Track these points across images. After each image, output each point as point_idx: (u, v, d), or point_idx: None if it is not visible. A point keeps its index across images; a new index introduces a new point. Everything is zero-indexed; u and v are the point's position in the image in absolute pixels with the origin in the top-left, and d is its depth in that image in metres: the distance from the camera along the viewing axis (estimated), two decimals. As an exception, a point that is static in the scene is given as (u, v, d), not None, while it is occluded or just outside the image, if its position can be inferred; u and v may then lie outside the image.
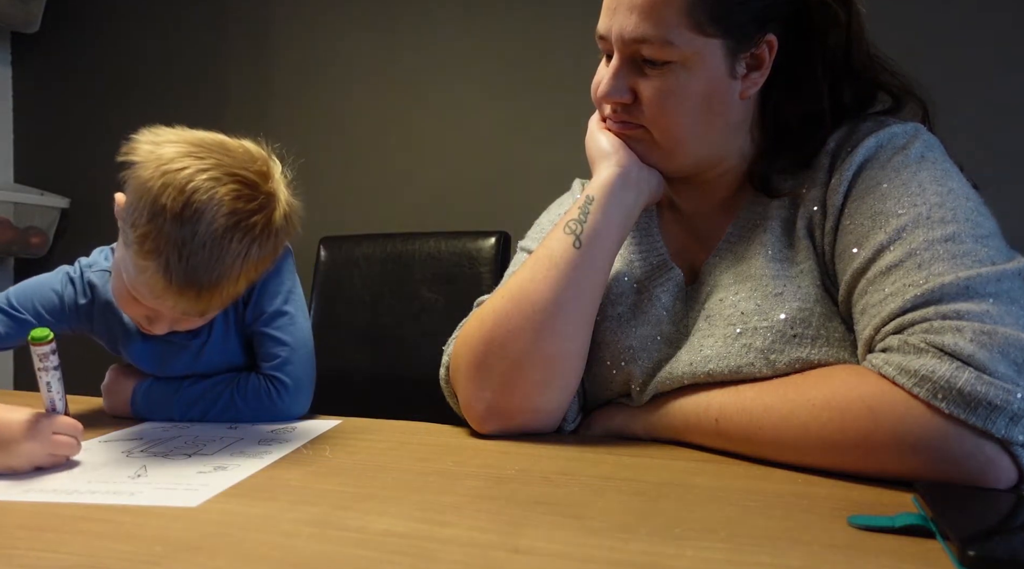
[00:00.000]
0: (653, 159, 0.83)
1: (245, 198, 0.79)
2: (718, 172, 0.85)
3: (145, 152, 0.78)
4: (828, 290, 0.74)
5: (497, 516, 0.55)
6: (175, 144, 0.79)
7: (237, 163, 0.80)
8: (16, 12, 2.33)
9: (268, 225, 0.81)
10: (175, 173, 0.76)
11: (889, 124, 0.76)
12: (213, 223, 0.76)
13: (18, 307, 0.92)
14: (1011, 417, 0.57)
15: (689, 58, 0.74)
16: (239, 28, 2.28)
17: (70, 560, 0.48)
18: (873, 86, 0.81)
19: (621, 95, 0.78)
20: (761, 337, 0.73)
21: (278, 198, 0.83)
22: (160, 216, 0.75)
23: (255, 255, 0.80)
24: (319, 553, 0.49)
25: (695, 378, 0.76)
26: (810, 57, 0.78)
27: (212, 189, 0.77)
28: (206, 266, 0.77)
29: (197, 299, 0.79)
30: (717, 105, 0.78)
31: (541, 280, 0.78)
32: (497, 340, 0.78)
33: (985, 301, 0.61)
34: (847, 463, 0.63)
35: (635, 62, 0.77)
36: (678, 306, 0.83)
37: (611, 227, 0.80)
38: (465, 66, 2.07)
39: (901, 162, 0.73)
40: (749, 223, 0.81)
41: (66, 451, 0.71)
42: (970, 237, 0.66)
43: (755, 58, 0.77)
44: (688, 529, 0.52)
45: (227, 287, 0.80)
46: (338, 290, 1.54)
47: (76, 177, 2.41)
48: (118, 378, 0.96)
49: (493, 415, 0.80)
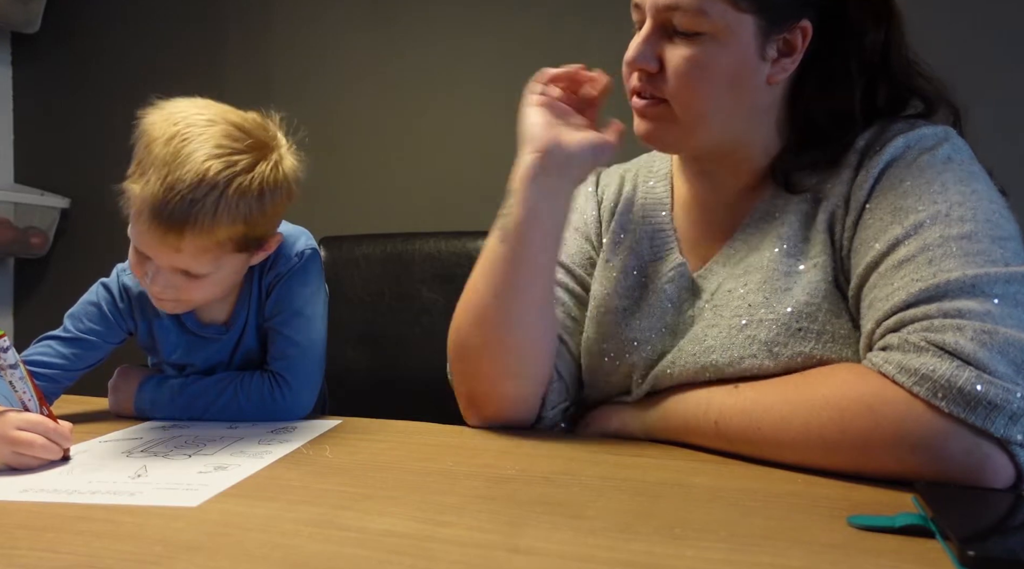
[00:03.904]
0: (672, 137, 0.81)
1: (233, 138, 0.81)
2: (737, 159, 0.83)
3: (159, 106, 0.83)
4: (840, 287, 0.74)
5: (497, 516, 0.55)
6: (187, 101, 0.84)
7: (239, 115, 0.84)
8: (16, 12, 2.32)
9: (252, 168, 0.81)
10: (176, 113, 0.82)
11: (919, 126, 0.75)
12: (197, 151, 0.78)
13: (72, 329, 0.95)
14: (1010, 416, 0.57)
15: (720, 31, 0.73)
16: (239, 28, 2.28)
17: (70, 560, 0.48)
18: (908, 90, 0.80)
19: (648, 62, 0.77)
20: (766, 329, 0.73)
21: (271, 150, 0.85)
22: (153, 143, 0.80)
23: (234, 196, 0.80)
24: (319, 553, 0.49)
25: (697, 368, 0.76)
26: (846, 53, 0.77)
27: (206, 126, 0.81)
28: (182, 192, 0.77)
29: (168, 227, 0.79)
30: (743, 84, 0.76)
31: (479, 276, 0.82)
32: (460, 337, 0.84)
33: (989, 301, 0.61)
34: (847, 463, 0.63)
35: (666, 31, 0.76)
36: (684, 296, 0.83)
37: (536, 216, 0.79)
38: (465, 66, 2.07)
39: (927, 162, 0.72)
40: (767, 216, 0.80)
41: (33, 451, 0.69)
42: (987, 237, 0.65)
43: (787, 43, 0.76)
44: (688, 529, 0.52)
45: (202, 220, 0.79)
46: (338, 290, 1.54)
47: (76, 177, 2.41)
48: (124, 376, 0.96)
49: (471, 407, 0.85)
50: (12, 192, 2.36)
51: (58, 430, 0.72)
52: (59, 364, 0.92)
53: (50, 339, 0.94)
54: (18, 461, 0.69)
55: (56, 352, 0.93)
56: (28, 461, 0.70)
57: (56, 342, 0.94)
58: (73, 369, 0.94)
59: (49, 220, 2.42)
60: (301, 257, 0.94)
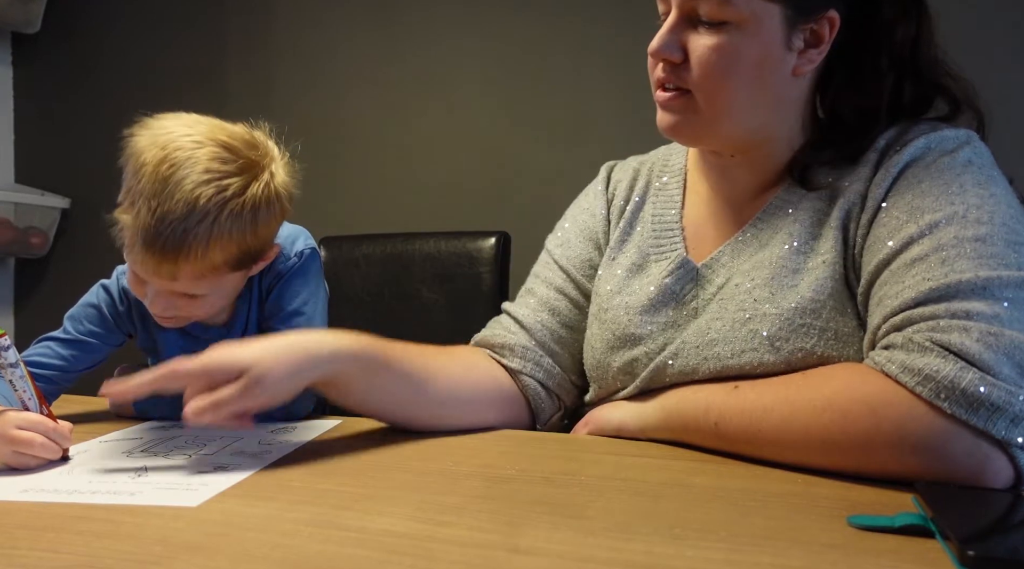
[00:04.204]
0: (696, 130, 0.80)
1: (222, 160, 0.79)
2: (761, 154, 0.82)
3: (146, 125, 0.82)
4: (848, 284, 0.74)
5: (497, 516, 0.55)
6: (174, 119, 0.82)
7: (227, 133, 0.82)
8: (16, 12, 2.33)
9: (243, 191, 0.80)
10: (163, 135, 0.80)
11: (941, 128, 0.75)
12: (186, 178, 0.77)
13: (72, 331, 0.94)
14: (1012, 419, 0.57)
15: (746, 19, 0.73)
16: (239, 28, 2.29)
17: (70, 560, 0.48)
18: (935, 89, 0.79)
19: (672, 52, 0.76)
20: (768, 324, 0.73)
21: (262, 169, 0.83)
22: (141, 170, 0.78)
23: (227, 221, 0.79)
24: (319, 553, 0.49)
25: (699, 360, 0.76)
26: (877, 48, 0.77)
27: (193, 149, 0.79)
28: (174, 222, 0.77)
29: (163, 257, 0.78)
30: (768, 75, 0.76)
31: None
32: None
33: (999, 304, 0.61)
34: (848, 463, 0.63)
35: (691, 21, 0.75)
36: (687, 289, 0.83)
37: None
38: (466, 66, 2.07)
39: (947, 164, 0.72)
40: (779, 212, 0.80)
41: (32, 450, 0.69)
42: (1002, 241, 0.65)
43: (814, 34, 0.76)
44: (688, 529, 0.52)
45: (195, 249, 0.78)
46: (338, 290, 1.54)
47: (76, 177, 2.42)
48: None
49: None
50: (12, 192, 2.36)
51: (58, 430, 0.72)
52: (58, 365, 0.92)
53: (49, 340, 0.94)
54: (17, 460, 0.69)
55: (55, 353, 0.93)
56: (27, 460, 0.70)
57: (56, 343, 0.94)
58: (72, 371, 0.94)
59: (49, 220, 2.42)
60: (300, 257, 0.94)
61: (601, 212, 0.95)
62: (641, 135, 1.06)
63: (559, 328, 0.91)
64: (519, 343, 0.89)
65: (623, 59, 1.86)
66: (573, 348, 0.92)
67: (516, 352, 0.89)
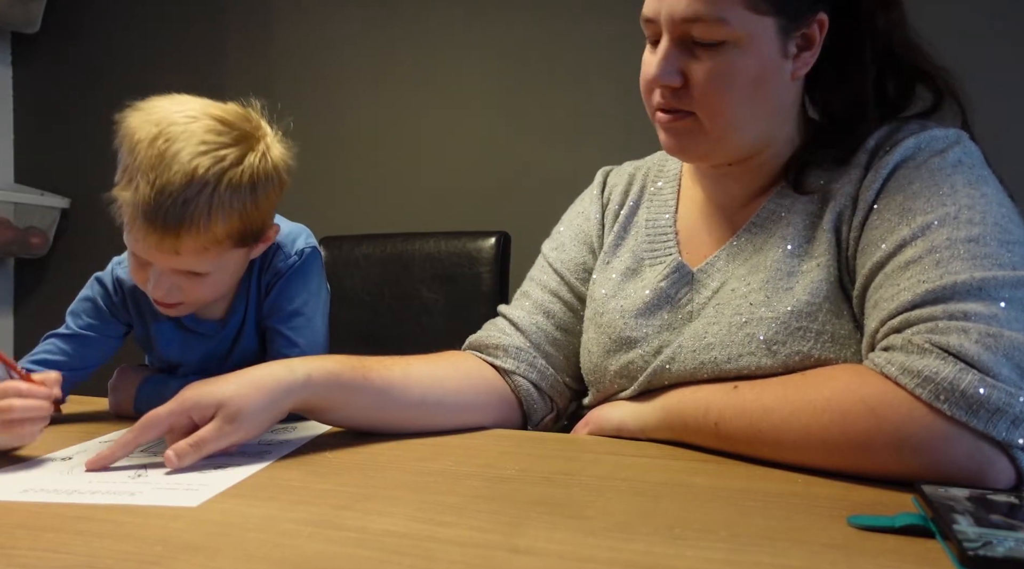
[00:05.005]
0: (702, 148, 0.80)
1: (218, 132, 0.80)
2: (762, 160, 0.82)
3: (137, 107, 0.82)
4: (843, 287, 0.74)
5: (497, 516, 0.55)
6: (165, 99, 0.83)
7: (220, 109, 0.83)
8: (16, 12, 2.33)
9: (240, 161, 0.80)
10: (156, 113, 0.80)
11: (931, 128, 0.75)
12: (182, 150, 0.77)
13: (72, 326, 0.95)
14: (1012, 420, 0.57)
15: (742, 38, 0.73)
16: (239, 28, 2.29)
17: (70, 560, 0.48)
18: (914, 74, 0.79)
19: (672, 79, 0.75)
20: (765, 327, 0.73)
21: (258, 140, 0.83)
22: (136, 147, 0.78)
23: (226, 191, 0.79)
24: (319, 553, 0.49)
25: (696, 364, 0.76)
26: (859, 41, 0.77)
27: (187, 122, 0.79)
28: (173, 194, 0.77)
29: (164, 231, 0.78)
30: (769, 86, 0.76)
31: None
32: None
33: (996, 304, 0.61)
34: (848, 464, 0.63)
35: (685, 44, 0.75)
36: (682, 293, 0.83)
37: None
38: (466, 66, 2.07)
39: (937, 165, 0.72)
40: (773, 215, 0.80)
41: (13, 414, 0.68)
42: (995, 241, 0.65)
43: (806, 38, 0.76)
44: (688, 529, 0.52)
45: (197, 220, 0.78)
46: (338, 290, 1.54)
47: (76, 177, 2.41)
48: (124, 376, 0.97)
49: None
50: (12, 192, 2.36)
51: (32, 388, 0.70)
52: (64, 361, 0.93)
53: (53, 337, 0.95)
54: (9, 431, 0.68)
55: (59, 349, 0.93)
56: (17, 429, 0.69)
57: (59, 339, 0.94)
58: (80, 367, 0.94)
59: (49, 220, 2.42)
60: (301, 255, 0.94)
61: (596, 216, 0.95)
62: (641, 135, 1.06)
63: (553, 330, 0.91)
64: (513, 344, 0.89)
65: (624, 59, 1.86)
66: (567, 350, 0.92)
67: (510, 353, 0.89)
